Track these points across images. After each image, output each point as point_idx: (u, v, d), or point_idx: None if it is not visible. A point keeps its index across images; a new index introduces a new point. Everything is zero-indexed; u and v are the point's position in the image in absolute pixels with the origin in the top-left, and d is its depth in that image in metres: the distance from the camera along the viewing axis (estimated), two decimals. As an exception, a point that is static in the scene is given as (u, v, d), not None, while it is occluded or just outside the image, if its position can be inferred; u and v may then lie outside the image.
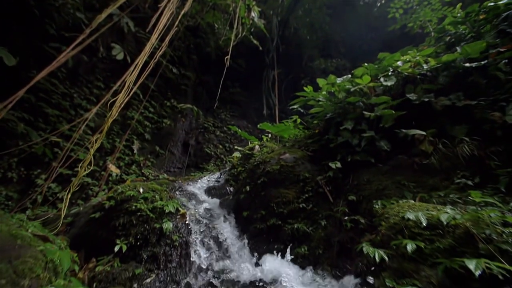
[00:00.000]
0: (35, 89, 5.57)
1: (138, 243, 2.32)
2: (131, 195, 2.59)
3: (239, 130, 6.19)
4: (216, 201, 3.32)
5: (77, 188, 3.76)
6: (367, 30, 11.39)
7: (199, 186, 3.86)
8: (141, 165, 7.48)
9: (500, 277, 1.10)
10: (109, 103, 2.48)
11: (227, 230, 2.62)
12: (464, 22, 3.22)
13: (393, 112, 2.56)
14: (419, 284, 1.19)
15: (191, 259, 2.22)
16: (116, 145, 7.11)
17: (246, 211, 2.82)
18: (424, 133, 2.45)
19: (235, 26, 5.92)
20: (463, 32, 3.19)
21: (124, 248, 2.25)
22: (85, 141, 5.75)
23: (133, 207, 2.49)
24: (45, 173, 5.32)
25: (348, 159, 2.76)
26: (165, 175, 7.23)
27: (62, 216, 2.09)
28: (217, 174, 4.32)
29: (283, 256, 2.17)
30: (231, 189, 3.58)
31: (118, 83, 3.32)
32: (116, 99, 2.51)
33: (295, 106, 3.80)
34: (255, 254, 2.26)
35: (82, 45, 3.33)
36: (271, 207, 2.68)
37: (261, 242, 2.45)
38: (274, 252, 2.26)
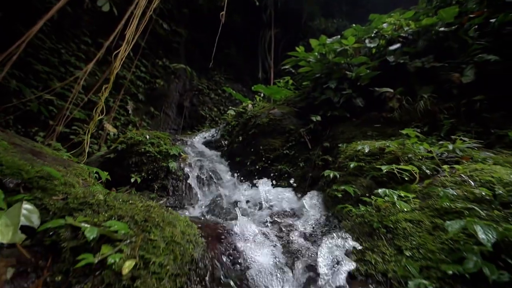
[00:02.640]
0: (23, 44, 5.54)
1: (150, 177, 2.92)
2: (140, 140, 3.09)
3: (234, 92, 6.48)
4: (213, 151, 3.89)
5: (75, 142, 4.22)
6: (373, -13, 10.79)
7: (197, 140, 4.39)
8: (137, 125, 7.87)
9: (406, 178, 1.71)
10: (113, 54, 2.77)
11: (222, 171, 3.24)
12: (454, -16, 3.40)
13: (368, 71, 2.97)
14: (354, 186, 1.80)
15: (193, 189, 2.86)
16: (110, 105, 7.36)
17: (238, 157, 3.42)
18: (392, 90, 2.91)
19: (229, -24, 5.68)
20: (450, -6, 3.40)
21: (139, 180, 2.85)
22: (78, 100, 6.00)
23: (142, 149, 3.02)
24: (42, 130, 5.68)
25: (328, 114, 3.27)
26: (162, 135, 7.69)
27: (86, 151, 2.60)
28: (212, 131, 4.82)
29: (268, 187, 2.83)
30: (226, 142, 4.13)
31: (112, 37, 3.50)
32: (119, 51, 2.79)
33: (286, 66, 4.12)
34: (245, 186, 2.90)
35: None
36: (260, 153, 3.27)
37: (250, 179, 3.09)
38: (261, 185, 2.91)
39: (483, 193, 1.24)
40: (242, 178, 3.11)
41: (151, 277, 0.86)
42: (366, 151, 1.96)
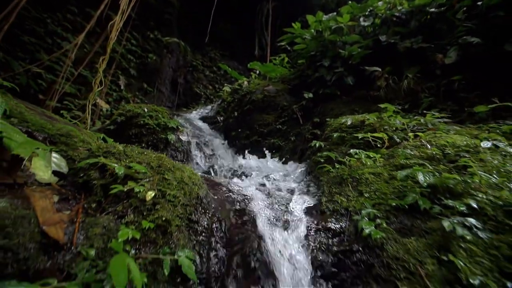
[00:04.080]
0: (7, 14, 5.34)
1: (150, 148, 3.16)
2: (138, 112, 3.27)
3: (229, 69, 6.54)
4: (209, 126, 4.11)
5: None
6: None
7: (193, 115, 4.58)
8: (130, 101, 7.88)
9: (379, 145, 2.01)
10: (109, 24, 2.83)
11: (218, 144, 3.50)
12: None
13: (359, 50, 3.16)
14: (335, 153, 2.11)
15: (191, 159, 3.14)
16: (101, 80, 7.29)
17: (233, 132, 3.67)
18: (380, 69, 3.14)
19: None
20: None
21: (139, 150, 3.09)
22: (68, 74, 5.97)
23: (141, 121, 3.22)
24: (33, 104, 5.69)
25: (320, 92, 3.49)
26: (156, 112, 7.77)
27: (89, 120, 2.79)
28: (208, 108, 5.00)
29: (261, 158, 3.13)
30: (221, 118, 4.34)
31: (102, 6, 3.49)
32: (114, 22, 2.86)
33: (282, 43, 4.22)
34: (240, 157, 3.20)
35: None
36: (254, 128, 3.53)
37: (245, 151, 3.37)
38: (253, 158, 3.20)
39: (434, 153, 1.56)
40: (237, 150, 3.40)
41: (167, 204, 1.15)
42: (349, 123, 2.24)
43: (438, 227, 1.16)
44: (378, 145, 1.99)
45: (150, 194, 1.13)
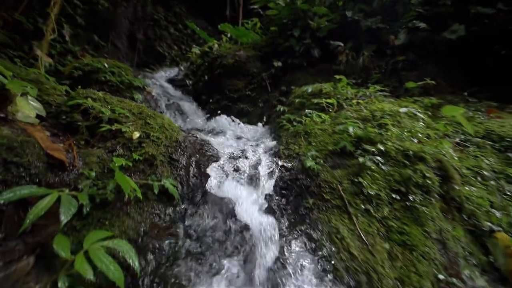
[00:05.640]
0: None
1: (114, 106, 3.18)
2: (98, 67, 3.18)
3: (198, 29, 6.29)
4: (177, 89, 4.17)
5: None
6: None
7: (159, 77, 4.52)
8: (79, 56, 7.07)
9: (330, 109, 2.52)
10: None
11: (188, 106, 3.67)
12: None
13: (327, 23, 3.51)
14: (296, 116, 2.55)
15: (161, 120, 3.28)
16: (39, 27, 6.34)
17: (203, 95, 3.84)
18: (342, 45, 3.58)
19: None
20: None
21: (103, 108, 3.09)
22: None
23: (102, 78, 3.16)
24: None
25: (289, 61, 3.82)
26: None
27: (42, 71, 2.66)
28: (175, 70, 4.94)
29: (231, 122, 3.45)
30: (190, 82, 4.41)
31: None
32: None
33: (255, 6, 4.29)
34: (209, 120, 3.46)
35: None
36: (224, 93, 3.75)
37: (214, 115, 3.63)
38: (224, 119, 3.50)
39: (367, 115, 2.10)
40: (207, 113, 3.63)
41: (152, 143, 1.44)
42: (309, 91, 2.68)
43: (357, 163, 1.70)
44: (330, 109, 2.49)
45: (136, 134, 1.39)
